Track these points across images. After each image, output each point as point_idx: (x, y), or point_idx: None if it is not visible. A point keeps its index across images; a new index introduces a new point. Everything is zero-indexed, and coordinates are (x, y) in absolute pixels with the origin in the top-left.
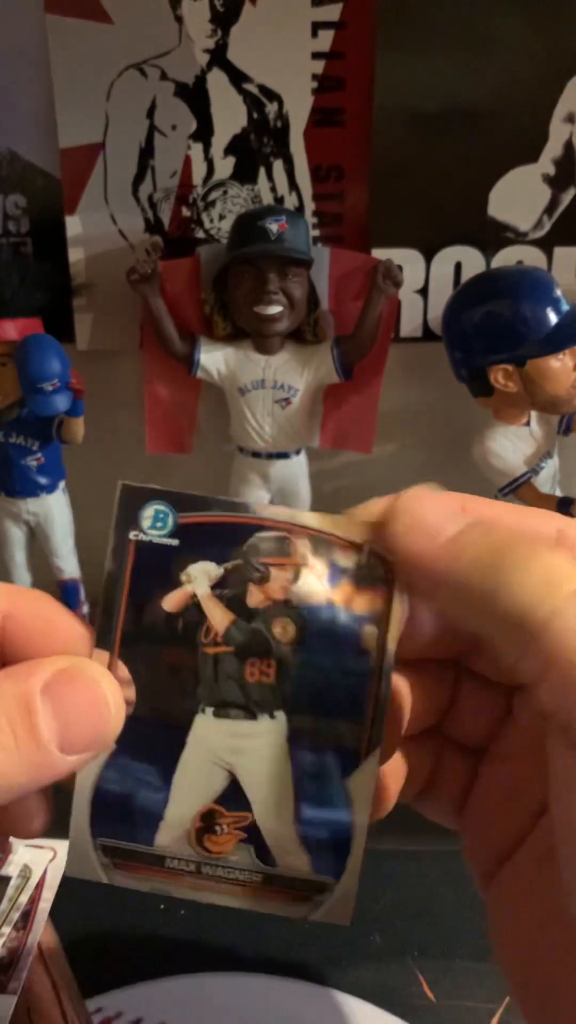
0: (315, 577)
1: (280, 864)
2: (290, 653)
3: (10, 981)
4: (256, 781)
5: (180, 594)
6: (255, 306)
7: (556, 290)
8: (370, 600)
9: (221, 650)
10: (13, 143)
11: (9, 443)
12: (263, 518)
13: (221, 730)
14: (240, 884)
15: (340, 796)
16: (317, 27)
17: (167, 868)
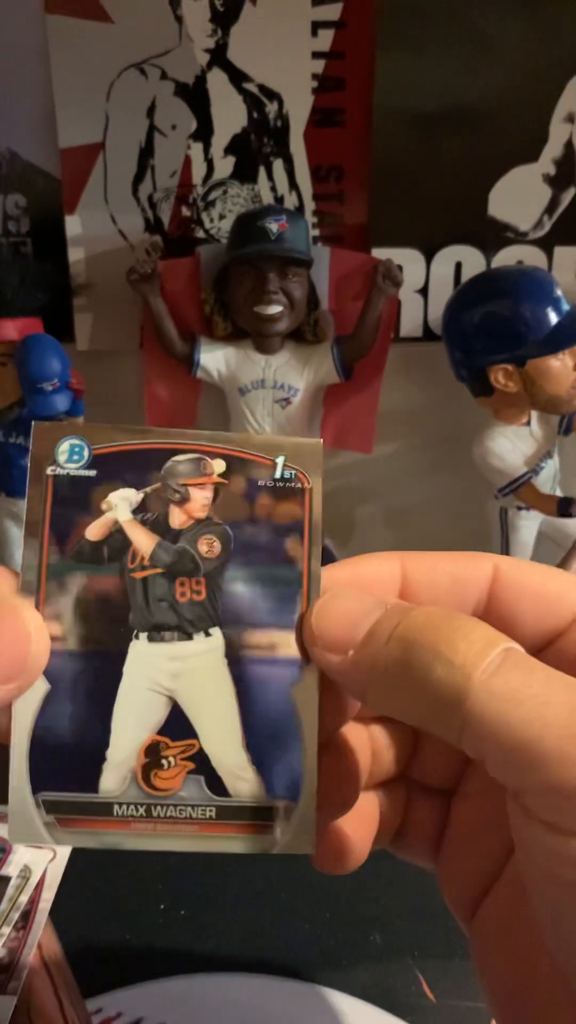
0: (234, 493)
1: (233, 792)
2: (218, 568)
3: (10, 981)
4: (199, 704)
5: (102, 522)
6: (255, 306)
7: (556, 290)
8: (289, 510)
9: (149, 572)
10: (13, 143)
11: (9, 443)
12: (176, 442)
13: (157, 654)
14: (194, 822)
15: (285, 709)
16: (317, 27)
17: (116, 816)
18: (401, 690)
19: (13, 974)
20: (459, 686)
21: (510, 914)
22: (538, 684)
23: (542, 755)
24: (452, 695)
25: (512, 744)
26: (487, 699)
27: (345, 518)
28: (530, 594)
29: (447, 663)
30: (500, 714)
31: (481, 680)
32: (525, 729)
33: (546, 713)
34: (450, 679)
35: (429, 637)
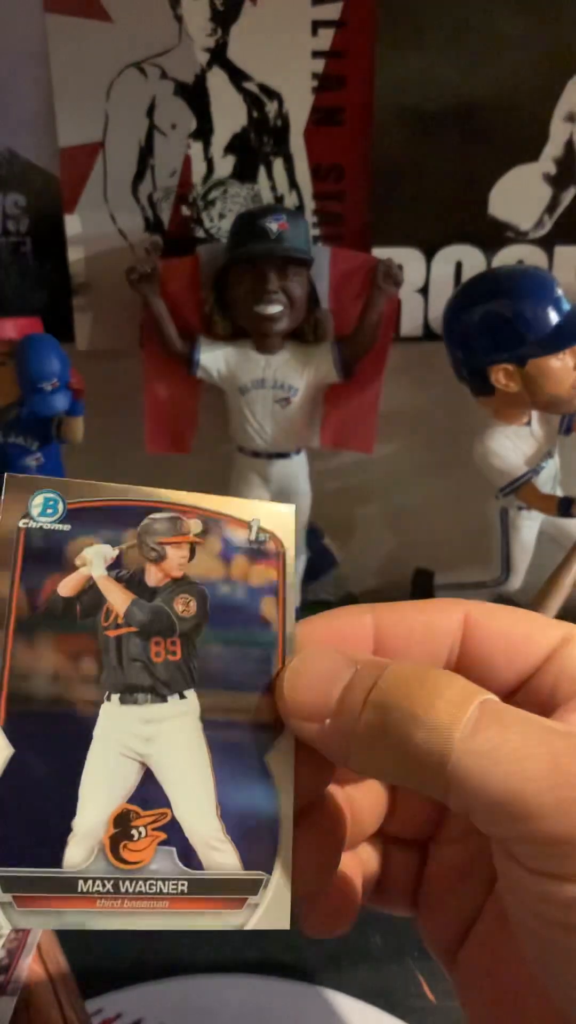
0: (210, 553)
1: (206, 864)
2: (194, 629)
3: (9, 982)
4: (172, 770)
5: (76, 577)
6: (255, 305)
7: (557, 290)
8: (264, 572)
9: (123, 631)
10: (12, 142)
11: (8, 443)
12: (153, 500)
13: (129, 717)
14: (164, 898)
15: (261, 776)
16: (317, 26)
17: (80, 893)
18: (383, 755)
19: (12, 975)
20: (440, 748)
21: (492, 954)
22: (517, 737)
23: (526, 808)
24: (434, 758)
25: (496, 800)
26: (468, 758)
27: (345, 518)
28: (500, 638)
29: (425, 727)
30: (482, 772)
31: (461, 740)
32: (508, 784)
33: (527, 767)
34: (430, 743)
35: (404, 700)
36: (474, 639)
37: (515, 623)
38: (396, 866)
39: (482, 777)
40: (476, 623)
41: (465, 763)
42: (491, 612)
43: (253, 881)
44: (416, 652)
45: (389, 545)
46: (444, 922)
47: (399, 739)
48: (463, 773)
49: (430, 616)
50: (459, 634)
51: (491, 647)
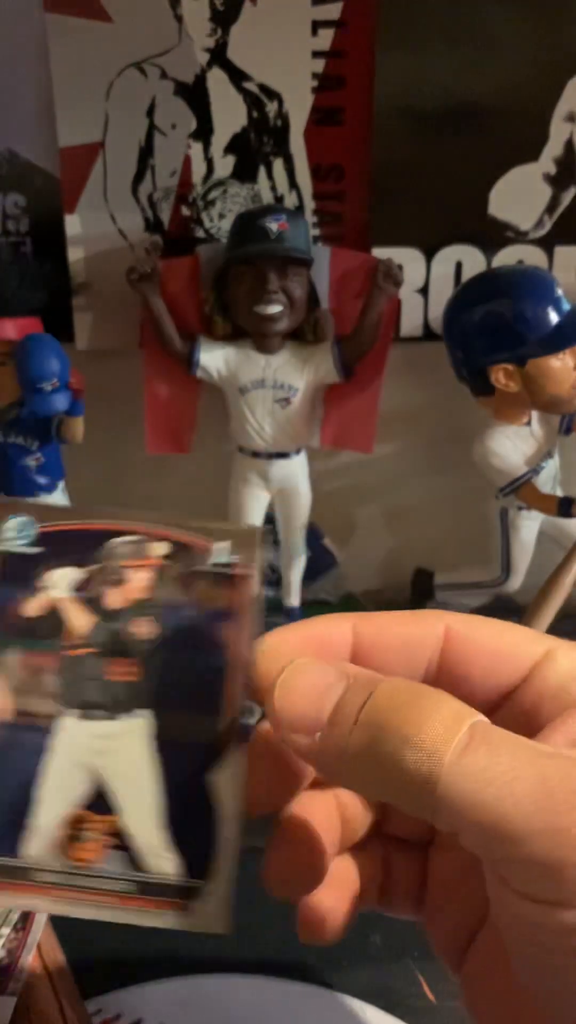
0: (172, 576)
1: (150, 869)
2: (151, 651)
3: (9, 982)
4: (122, 783)
5: (41, 599)
6: (255, 305)
7: (557, 289)
8: (224, 596)
9: (83, 651)
10: (12, 142)
11: (8, 443)
12: (120, 523)
13: (86, 732)
14: (111, 895)
15: (204, 793)
16: (317, 26)
17: (34, 882)
18: (373, 774)
19: (12, 975)
20: (429, 770)
21: (496, 960)
22: (506, 759)
23: (514, 831)
24: (423, 779)
25: (485, 822)
26: (457, 780)
27: (345, 518)
28: (482, 652)
29: (415, 748)
30: (471, 794)
31: (450, 762)
32: (496, 807)
33: (515, 789)
34: (420, 765)
35: (395, 720)
36: (454, 652)
37: (497, 636)
38: (399, 869)
39: (470, 799)
40: (457, 636)
41: (454, 785)
42: (473, 625)
43: (192, 888)
44: (394, 663)
45: (389, 545)
46: (448, 927)
47: (389, 759)
48: (451, 795)
49: (410, 628)
50: (438, 646)
51: (472, 660)
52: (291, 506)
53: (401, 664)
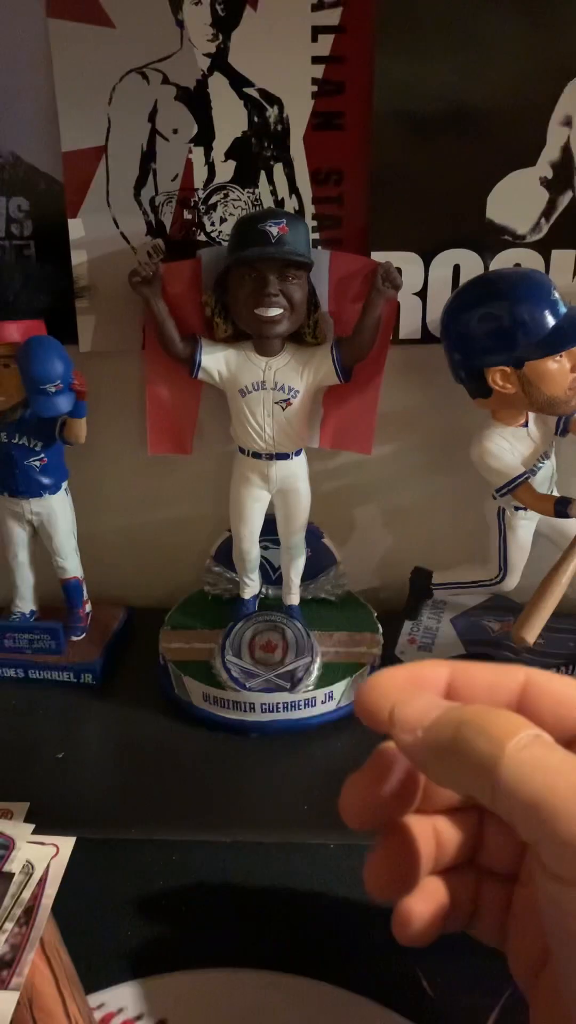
0: None
1: None
2: None
3: (13, 977)
4: None
5: None
6: (256, 308)
7: (554, 292)
8: None
9: None
10: (16, 146)
11: (12, 444)
12: None
13: None
14: None
15: None
16: (317, 31)
17: None
18: (452, 759)
19: (16, 970)
20: (494, 754)
21: (557, 992)
22: (557, 759)
23: (552, 812)
24: (488, 761)
25: (529, 802)
26: (514, 765)
27: (345, 518)
28: (555, 700)
29: (486, 736)
30: (522, 777)
31: (511, 751)
32: (541, 790)
33: (559, 780)
34: (487, 748)
35: (477, 719)
36: (531, 699)
37: (569, 690)
38: (488, 898)
39: (521, 782)
40: (535, 685)
41: (510, 769)
42: (549, 677)
43: None
44: (479, 701)
45: (387, 544)
46: (523, 955)
47: (465, 745)
48: (508, 777)
49: (495, 675)
50: (519, 692)
51: (545, 707)
52: (291, 506)
53: (485, 703)
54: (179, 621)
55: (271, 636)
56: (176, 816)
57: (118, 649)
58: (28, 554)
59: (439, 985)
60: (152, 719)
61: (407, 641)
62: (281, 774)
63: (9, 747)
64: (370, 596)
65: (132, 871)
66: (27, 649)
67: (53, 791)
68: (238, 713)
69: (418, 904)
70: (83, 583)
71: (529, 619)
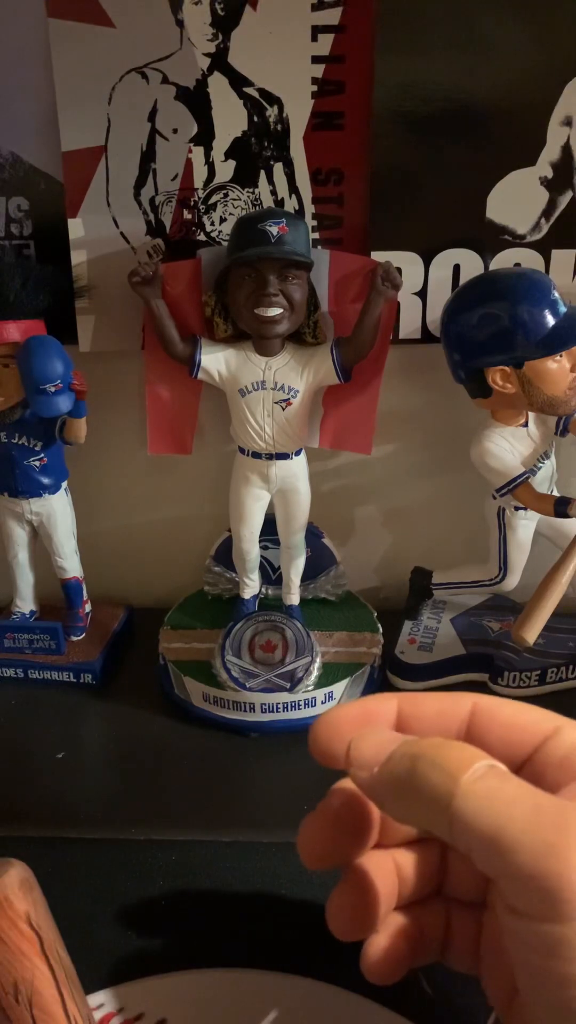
0: None
1: None
2: None
3: None
4: None
5: None
6: (255, 308)
7: (554, 292)
8: None
9: None
10: (15, 146)
11: (12, 444)
12: None
13: None
14: None
15: None
16: (317, 31)
17: None
18: (408, 794)
19: None
20: (448, 788)
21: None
22: (511, 789)
23: (506, 843)
24: (443, 795)
25: (485, 834)
26: (469, 798)
27: (345, 518)
28: (502, 725)
29: (441, 770)
30: (478, 810)
31: (465, 784)
32: (496, 821)
33: (513, 811)
34: (441, 782)
35: (430, 752)
36: (480, 725)
37: (516, 713)
38: (459, 926)
39: (476, 814)
40: (482, 711)
41: (465, 801)
42: (497, 703)
43: None
44: (430, 730)
45: (387, 544)
46: (496, 981)
47: (420, 779)
48: (463, 810)
49: (444, 703)
50: (468, 719)
51: (493, 732)
52: (291, 506)
53: (435, 731)
54: (179, 621)
55: (271, 636)
56: (176, 816)
57: (118, 649)
58: (28, 554)
59: (439, 985)
60: (152, 719)
61: (407, 641)
62: (281, 774)
63: (9, 747)
64: (370, 596)
65: (132, 871)
66: (27, 649)
67: (53, 791)
68: (238, 713)
69: (383, 941)
70: (83, 583)
71: (529, 619)
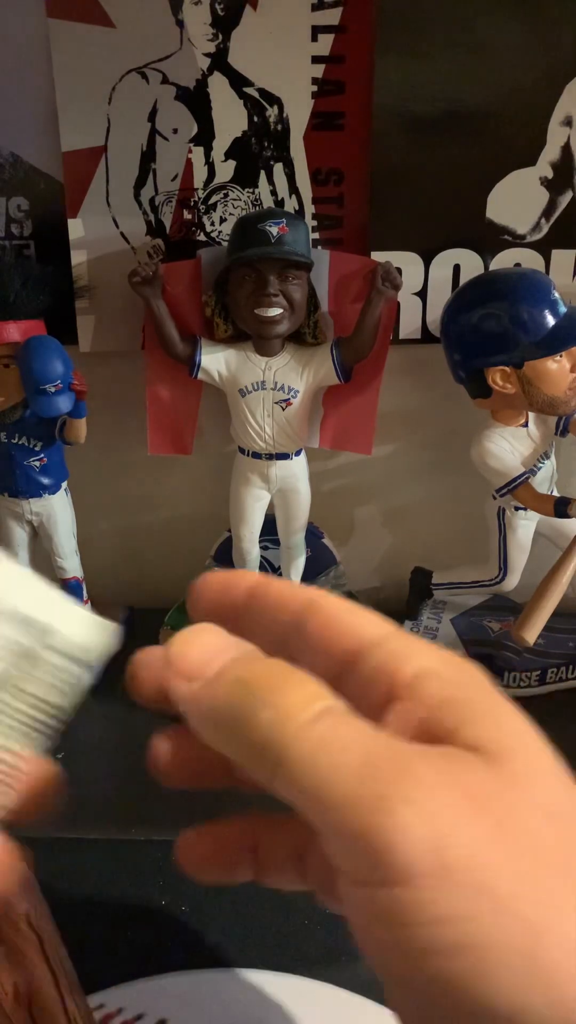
0: None
1: None
2: None
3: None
4: None
5: None
6: (255, 308)
7: (553, 292)
8: None
9: None
10: (16, 146)
11: (12, 444)
12: None
13: None
14: None
15: None
16: (317, 31)
17: None
18: (230, 728)
19: None
20: (277, 732)
21: None
22: (343, 733)
23: (330, 800)
24: (270, 740)
25: (311, 786)
26: (298, 745)
27: (345, 518)
28: (326, 622)
29: (271, 708)
30: (305, 758)
31: (296, 726)
32: (323, 772)
33: (343, 759)
34: (271, 725)
35: (263, 684)
36: (309, 618)
37: (344, 616)
38: (265, 840)
39: (303, 763)
40: (316, 607)
41: (293, 749)
42: (333, 603)
43: None
44: (268, 616)
45: (387, 544)
46: (321, 877)
47: (246, 715)
48: (290, 757)
49: (290, 591)
50: (301, 611)
51: (317, 630)
52: (291, 506)
53: (272, 616)
54: (179, 621)
55: None
56: (176, 816)
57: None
58: (28, 555)
59: None
60: (152, 719)
61: None
62: None
63: None
64: (370, 596)
65: (132, 871)
66: None
67: None
68: None
69: None
70: (83, 583)
71: (529, 619)
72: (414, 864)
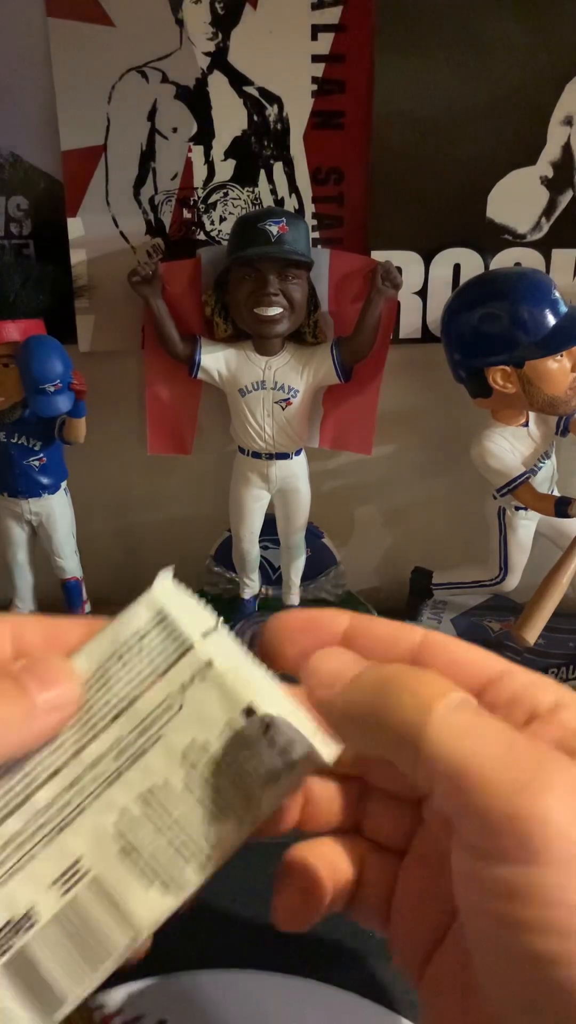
0: None
1: None
2: None
3: None
4: None
5: None
6: (255, 308)
7: (554, 292)
8: None
9: None
10: (15, 145)
11: (11, 443)
12: None
13: None
14: None
15: None
16: (317, 30)
17: None
18: (374, 720)
19: None
20: (420, 717)
21: (452, 978)
22: (485, 724)
23: (473, 780)
24: (414, 723)
25: (454, 769)
26: (441, 730)
27: (345, 518)
28: (451, 660)
29: (413, 696)
30: (447, 742)
31: (440, 714)
32: (466, 757)
33: (487, 746)
34: (413, 710)
35: (401, 678)
36: (427, 658)
37: (466, 651)
38: (371, 874)
39: (445, 747)
40: (432, 643)
41: (437, 733)
42: (447, 639)
43: None
44: (376, 656)
45: (388, 544)
46: (410, 943)
47: (390, 706)
48: (433, 741)
49: (395, 630)
50: (416, 650)
51: (439, 668)
52: (291, 506)
53: (382, 656)
54: None
55: None
56: None
57: None
58: (27, 554)
59: None
60: None
61: None
62: None
63: None
64: (370, 596)
65: None
66: None
67: None
68: None
69: (297, 888)
70: (82, 583)
71: (529, 619)
72: (552, 848)
